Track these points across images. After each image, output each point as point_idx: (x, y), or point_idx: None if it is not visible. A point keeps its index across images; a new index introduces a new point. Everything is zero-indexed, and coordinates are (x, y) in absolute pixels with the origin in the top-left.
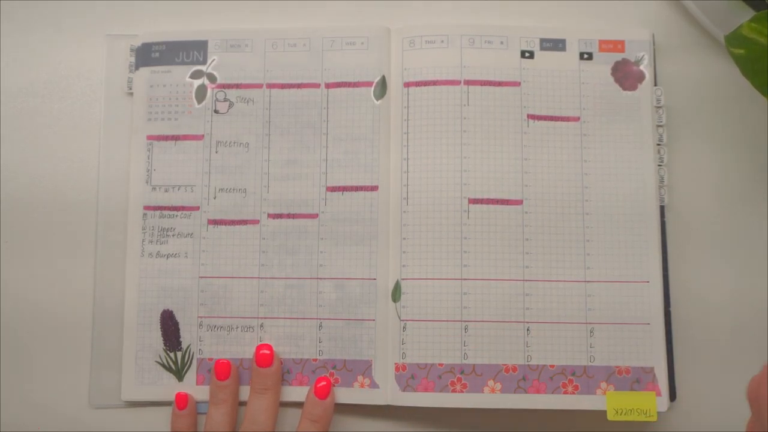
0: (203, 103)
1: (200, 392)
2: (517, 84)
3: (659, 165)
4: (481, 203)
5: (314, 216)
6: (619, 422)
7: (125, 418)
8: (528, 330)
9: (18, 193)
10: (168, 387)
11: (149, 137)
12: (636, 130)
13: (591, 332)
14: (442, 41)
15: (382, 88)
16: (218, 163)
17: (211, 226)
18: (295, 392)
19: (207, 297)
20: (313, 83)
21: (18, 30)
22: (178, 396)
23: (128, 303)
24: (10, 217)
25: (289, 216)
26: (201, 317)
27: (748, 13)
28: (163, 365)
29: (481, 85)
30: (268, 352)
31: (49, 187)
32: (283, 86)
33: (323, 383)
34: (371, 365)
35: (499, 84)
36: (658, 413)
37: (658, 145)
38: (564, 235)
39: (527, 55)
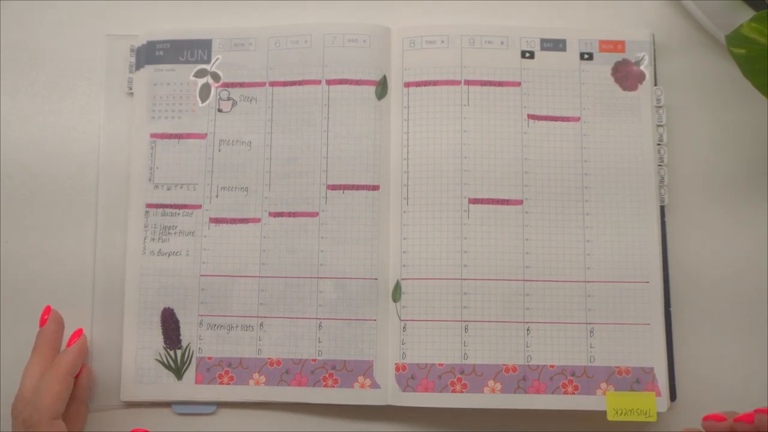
0: (207, 102)
1: (198, 391)
2: (517, 84)
3: (659, 165)
4: (481, 203)
5: (314, 215)
6: (619, 422)
7: (124, 419)
8: (528, 330)
9: (18, 193)
10: (167, 387)
11: (152, 135)
12: (636, 130)
13: (591, 332)
14: (442, 41)
15: (383, 87)
16: (221, 161)
17: (212, 225)
18: (294, 393)
19: (207, 295)
20: (313, 80)
21: (18, 30)
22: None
23: (129, 301)
24: (10, 216)
25: (290, 215)
26: (201, 316)
27: (748, 13)
28: (162, 363)
29: (481, 85)
30: None
31: (49, 187)
32: (284, 84)
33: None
34: (372, 365)
35: (499, 84)
36: (658, 413)
37: (658, 145)
38: (564, 235)
39: (527, 55)
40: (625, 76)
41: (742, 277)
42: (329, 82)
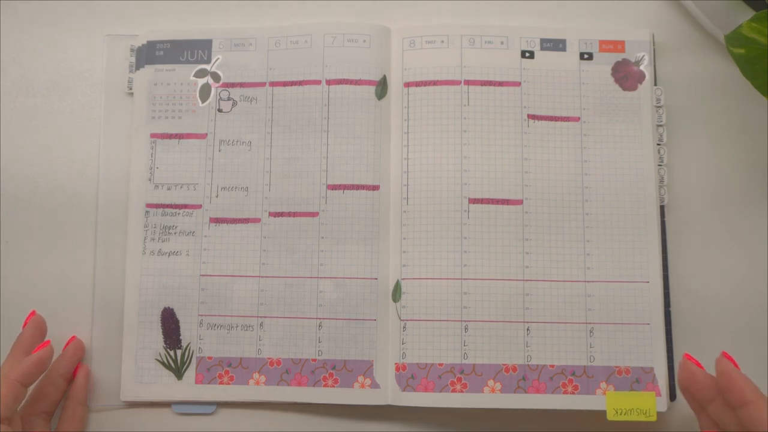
0: (207, 102)
1: (198, 391)
2: (517, 84)
3: (659, 165)
4: (481, 203)
5: (314, 214)
6: (618, 422)
7: (124, 419)
8: (528, 330)
9: (18, 193)
10: (167, 387)
11: (153, 135)
12: (636, 130)
13: (591, 332)
14: (442, 41)
15: (383, 87)
16: (221, 161)
17: (212, 225)
18: (294, 393)
19: (208, 295)
20: (314, 80)
21: (18, 30)
22: None
23: (129, 301)
24: (10, 216)
25: (290, 214)
26: (201, 315)
27: (748, 13)
28: (162, 363)
29: (481, 85)
30: None
31: (49, 186)
32: (285, 84)
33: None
34: (372, 365)
35: (499, 84)
36: (658, 413)
37: (658, 145)
38: (564, 235)
39: (527, 55)
40: (625, 76)
41: (742, 276)
42: (329, 82)
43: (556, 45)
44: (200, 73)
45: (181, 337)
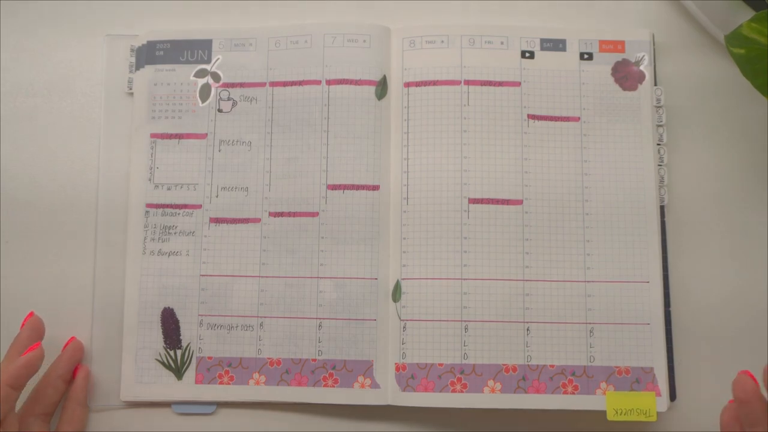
0: (207, 102)
1: (198, 391)
2: (517, 84)
3: (659, 165)
4: (481, 203)
5: (314, 214)
6: (618, 422)
7: (124, 419)
8: (528, 330)
9: (18, 193)
10: (167, 387)
11: (153, 135)
12: (636, 130)
13: (591, 332)
14: (442, 41)
15: (383, 87)
16: (221, 161)
17: (212, 225)
18: (294, 393)
19: (208, 295)
20: (314, 80)
21: (18, 30)
22: None
23: (129, 301)
24: (10, 216)
25: (290, 214)
26: (201, 315)
27: (748, 13)
28: (162, 363)
29: (481, 85)
30: None
31: (49, 186)
32: (285, 84)
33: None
34: (372, 365)
35: (499, 84)
36: (658, 413)
37: (658, 145)
38: (564, 235)
39: (527, 55)
40: (625, 76)
41: (742, 276)
42: (329, 82)
43: (556, 45)
44: (200, 73)
45: (181, 337)
